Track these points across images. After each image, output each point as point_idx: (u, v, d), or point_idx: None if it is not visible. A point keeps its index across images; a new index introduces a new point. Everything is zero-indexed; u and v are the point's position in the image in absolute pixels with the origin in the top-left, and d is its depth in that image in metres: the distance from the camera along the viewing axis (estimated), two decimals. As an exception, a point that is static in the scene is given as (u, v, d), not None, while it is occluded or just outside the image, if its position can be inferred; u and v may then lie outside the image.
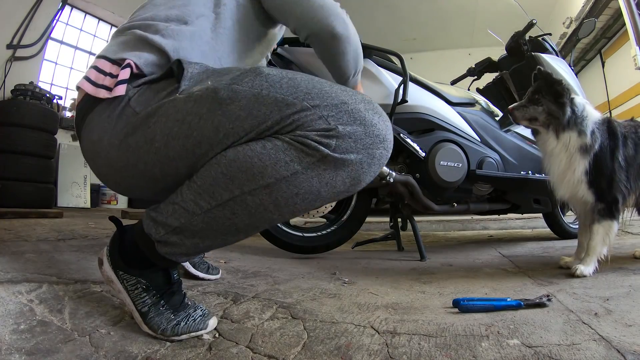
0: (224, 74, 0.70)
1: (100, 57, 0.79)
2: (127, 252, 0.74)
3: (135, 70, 0.75)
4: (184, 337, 0.71)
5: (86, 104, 0.78)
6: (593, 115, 1.22)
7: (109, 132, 0.74)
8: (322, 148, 0.61)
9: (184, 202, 0.68)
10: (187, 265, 1.11)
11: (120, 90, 0.73)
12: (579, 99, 1.22)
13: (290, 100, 0.62)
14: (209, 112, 0.65)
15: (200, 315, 0.75)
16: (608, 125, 1.23)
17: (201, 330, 0.73)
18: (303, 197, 0.63)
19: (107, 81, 0.75)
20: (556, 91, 1.19)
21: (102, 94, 0.74)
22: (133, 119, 0.72)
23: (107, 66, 0.76)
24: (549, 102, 1.20)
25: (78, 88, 0.79)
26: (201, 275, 1.13)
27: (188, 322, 0.72)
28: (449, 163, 1.55)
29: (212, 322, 0.75)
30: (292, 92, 0.63)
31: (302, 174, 0.62)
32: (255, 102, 0.63)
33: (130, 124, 0.72)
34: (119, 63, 0.76)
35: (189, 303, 0.77)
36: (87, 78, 0.77)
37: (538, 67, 1.24)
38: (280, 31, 1.03)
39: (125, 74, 0.73)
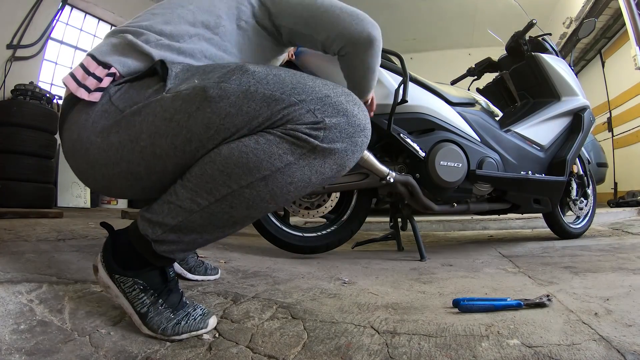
0: (209, 72, 0.71)
1: (89, 54, 0.79)
2: (121, 255, 0.74)
3: (118, 77, 0.76)
4: (184, 336, 0.71)
5: (68, 102, 0.79)
6: None
7: (88, 129, 0.74)
8: (312, 140, 0.65)
9: (180, 201, 0.69)
10: (183, 271, 1.11)
11: (96, 96, 0.74)
12: None
13: (278, 95, 0.66)
14: (198, 110, 0.66)
15: (200, 315, 0.75)
16: None
17: (201, 329, 0.73)
18: (296, 185, 0.68)
19: (89, 82, 0.75)
20: None
21: (81, 93, 0.75)
22: (117, 116, 0.72)
23: (92, 66, 0.77)
24: None
25: (64, 84, 0.79)
26: (200, 278, 1.12)
27: (188, 322, 0.73)
28: (449, 163, 1.55)
29: (212, 321, 0.76)
30: (279, 88, 0.66)
31: (294, 164, 0.66)
32: (245, 98, 0.65)
33: (114, 121, 0.72)
34: (104, 65, 0.77)
35: (187, 302, 0.77)
36: (72, 75, 0.77)
37: None
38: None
39: (106, 82, 0.75)
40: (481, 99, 2.03)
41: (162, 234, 0.70)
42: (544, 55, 1.94)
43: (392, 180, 1.49)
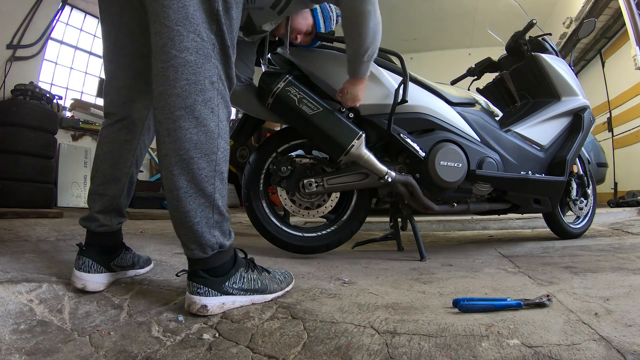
0: None
1: None
2: (213, 272, 0.84)
3: None
4: (290, 287, 1.00)
5: None
6: None
7: None
8: None
9: (215, 201, 0.83)
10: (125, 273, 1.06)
11: None
12: None
13: None
14: None
15: (282, 272, 1.01)
16: None
17: (292, 281, 1.02)
18: None
19: None
20: None
21: None
22: None
23: None
24: None
25: None
26: (142, 271, 1.11)
27: (285, 278, 1.00)
28: (449, 163, 1.55)
29: (292, 274, 1.06)
30: None
31: None
32: None
33: None
34: None
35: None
36: None
37: None
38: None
39: None
40: (481, 99, 2.03)
41: (229, 228, 0.88)
42: (544, 55, 1.94)
43: (390, 179, 1.49)
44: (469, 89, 2.17)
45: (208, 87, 0.77)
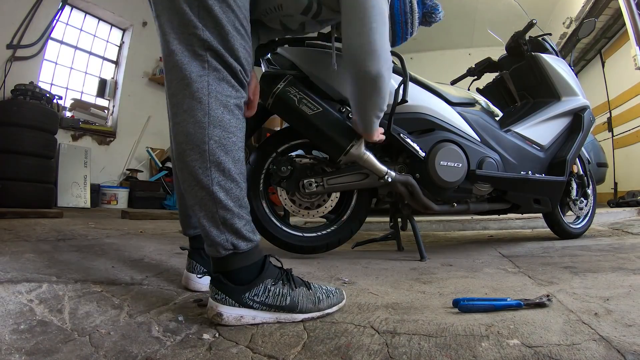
0: None
1: None
2: (236, 280, 0.78)
3: None
4: (334, 308, 0.84)
5: None
6: None
7: None
8: None
9: (227, 201, 0.77)
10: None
11: None
12: None
13: None
14: None
15: (335, 289, 0.87)
16: None
17: (343, 300, 0.87)
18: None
19: None
20: None
21: None
22: None
23: None
24: None
25: None
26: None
27: (332, 296, 0.84)
28: (449, 163, 1.55)
29: (345, 294, 0.90)
30: None
31: None
32: None
33: None
34: None
35: (307, 282, 0.86)
36: None
37: None
38: None
39: None
40: (481, 99, 2.03)
41: (251, 229, 0.81)
42: (544, 55, 1.94)
43: (390, 179, 1.49)
44: (469, 89, 2.17)
45: (195, 79, 0.77)
